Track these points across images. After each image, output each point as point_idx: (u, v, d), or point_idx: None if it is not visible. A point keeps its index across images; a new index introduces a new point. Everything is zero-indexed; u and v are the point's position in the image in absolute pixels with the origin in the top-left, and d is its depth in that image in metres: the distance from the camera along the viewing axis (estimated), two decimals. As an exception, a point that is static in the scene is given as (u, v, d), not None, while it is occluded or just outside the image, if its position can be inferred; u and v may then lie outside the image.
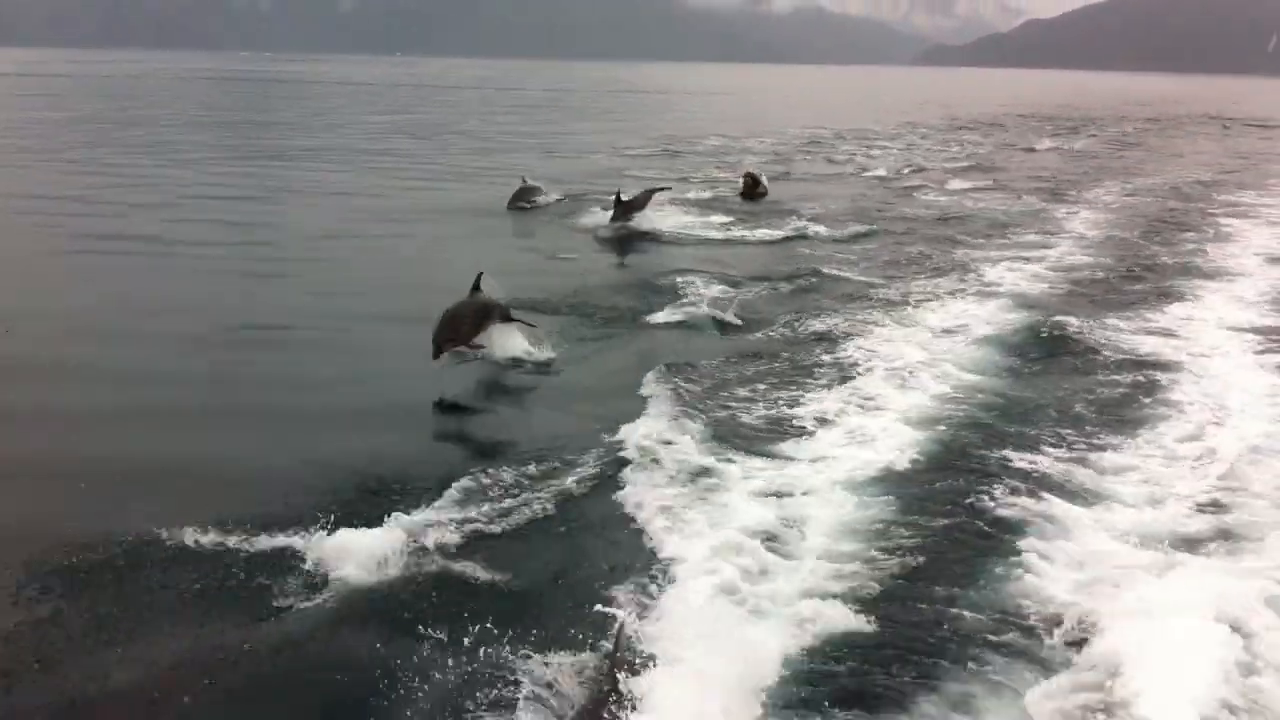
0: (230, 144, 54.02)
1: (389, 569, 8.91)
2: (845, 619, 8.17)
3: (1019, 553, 9.32)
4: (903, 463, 11.51)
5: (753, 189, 35.86)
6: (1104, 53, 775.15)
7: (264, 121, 71.61)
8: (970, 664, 7.64)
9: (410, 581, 8.78)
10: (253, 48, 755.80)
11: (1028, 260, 24.47)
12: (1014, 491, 10.63)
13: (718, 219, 29.97)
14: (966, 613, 8.39)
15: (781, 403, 13.55)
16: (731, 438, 12.08)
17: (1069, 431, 12.57)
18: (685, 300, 19.43)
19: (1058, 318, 18.24)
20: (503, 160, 44.87)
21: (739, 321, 17.94)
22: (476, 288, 15.36)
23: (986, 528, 9.93)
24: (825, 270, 22.74)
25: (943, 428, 12.66)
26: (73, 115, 69.87)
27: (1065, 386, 14.48)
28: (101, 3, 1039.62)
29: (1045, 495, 10.49)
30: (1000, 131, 74.51)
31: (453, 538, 9.46)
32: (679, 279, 21.40)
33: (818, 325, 17.85)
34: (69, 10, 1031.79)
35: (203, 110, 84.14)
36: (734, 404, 13.44)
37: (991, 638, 8.02)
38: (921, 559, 9.27)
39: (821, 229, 28.28)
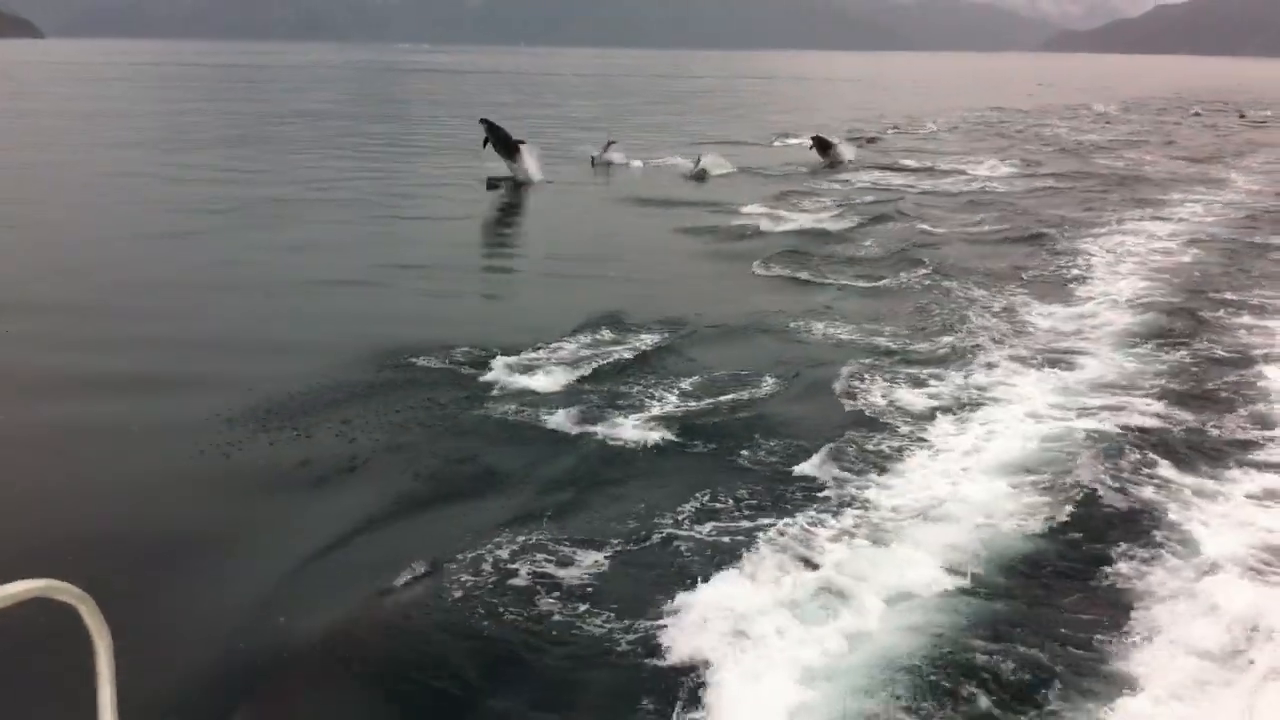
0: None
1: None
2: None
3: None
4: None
5: (825, 151, 37.39)
6: (1234, 39, 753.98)
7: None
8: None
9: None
10: (382, 40, 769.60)
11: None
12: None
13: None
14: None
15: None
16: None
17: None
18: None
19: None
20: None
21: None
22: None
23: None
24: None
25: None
26: (302, 106, 70.91)
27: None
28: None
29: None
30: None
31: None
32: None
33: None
34: (206, 6, 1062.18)
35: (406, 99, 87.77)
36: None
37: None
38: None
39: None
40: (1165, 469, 9.68)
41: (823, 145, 37.65)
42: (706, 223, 24.54)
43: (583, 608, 7.04)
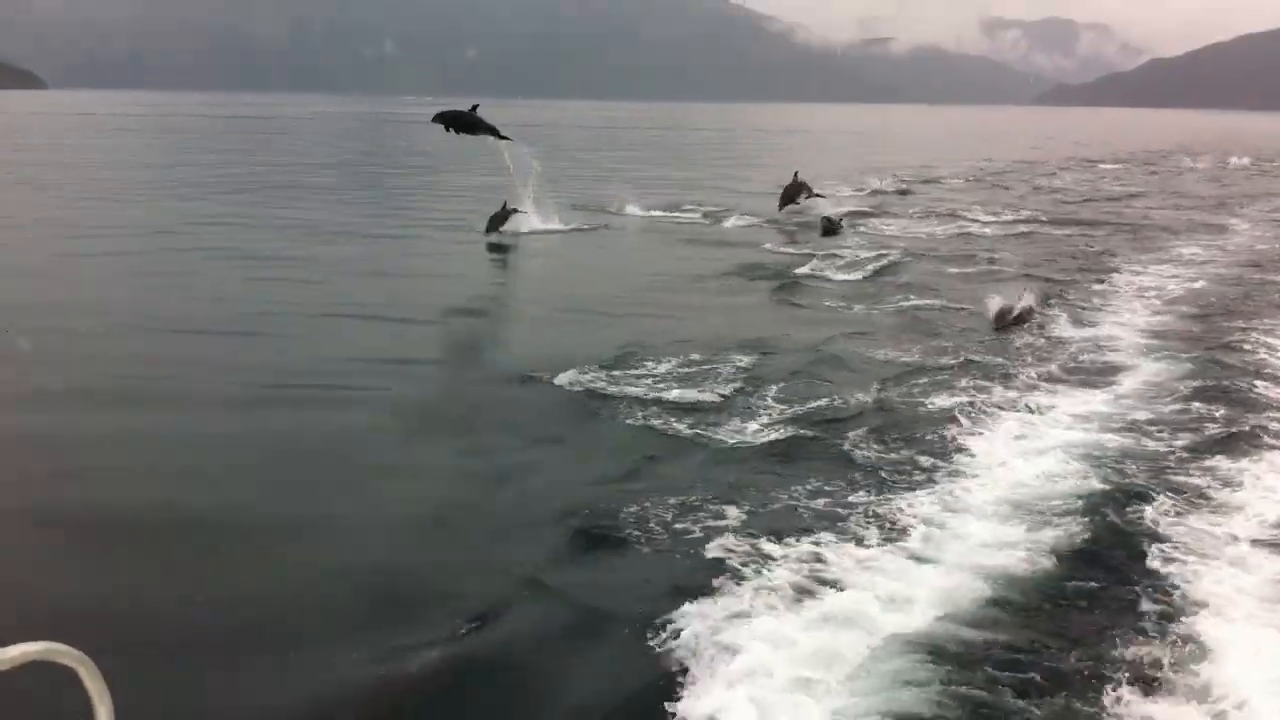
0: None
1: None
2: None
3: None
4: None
5: (794, 197, 35.84)
6: (1228, 92, 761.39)
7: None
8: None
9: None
10: (380, 92, 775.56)
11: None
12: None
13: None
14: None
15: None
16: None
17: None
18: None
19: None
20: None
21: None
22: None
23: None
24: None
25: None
26: (344, 154, 72.61)
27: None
28: (234, 49, 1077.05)
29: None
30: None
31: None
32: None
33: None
34: (206, 58, 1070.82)
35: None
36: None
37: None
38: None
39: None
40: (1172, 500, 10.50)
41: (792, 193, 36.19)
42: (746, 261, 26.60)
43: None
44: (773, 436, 12.35)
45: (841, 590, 8.40)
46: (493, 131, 31.01)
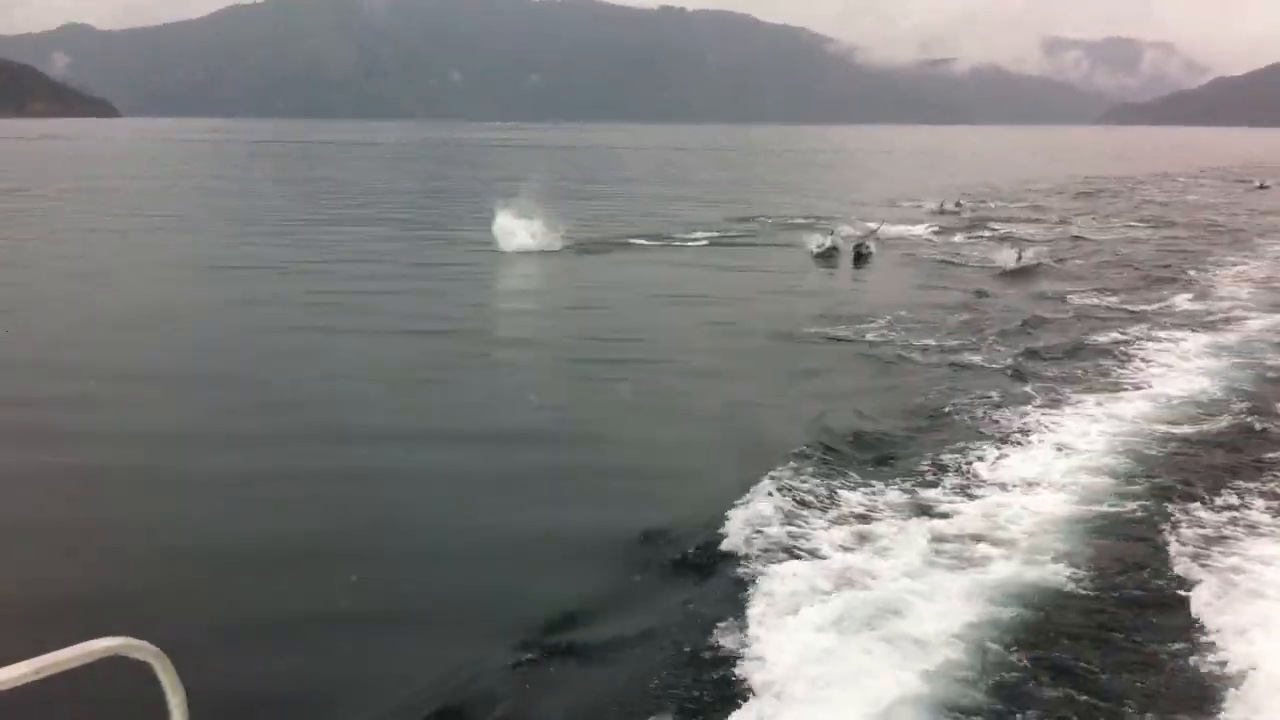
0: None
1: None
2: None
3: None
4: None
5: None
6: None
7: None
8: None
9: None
10: (442, 118, 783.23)
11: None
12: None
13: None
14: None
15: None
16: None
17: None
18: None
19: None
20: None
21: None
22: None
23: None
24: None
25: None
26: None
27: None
28: (302, 78, 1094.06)
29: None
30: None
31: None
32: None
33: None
34: (270, 86, 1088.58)
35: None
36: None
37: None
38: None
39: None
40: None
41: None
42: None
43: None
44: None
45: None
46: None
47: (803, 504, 11.08)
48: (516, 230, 33.37)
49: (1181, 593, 9.00)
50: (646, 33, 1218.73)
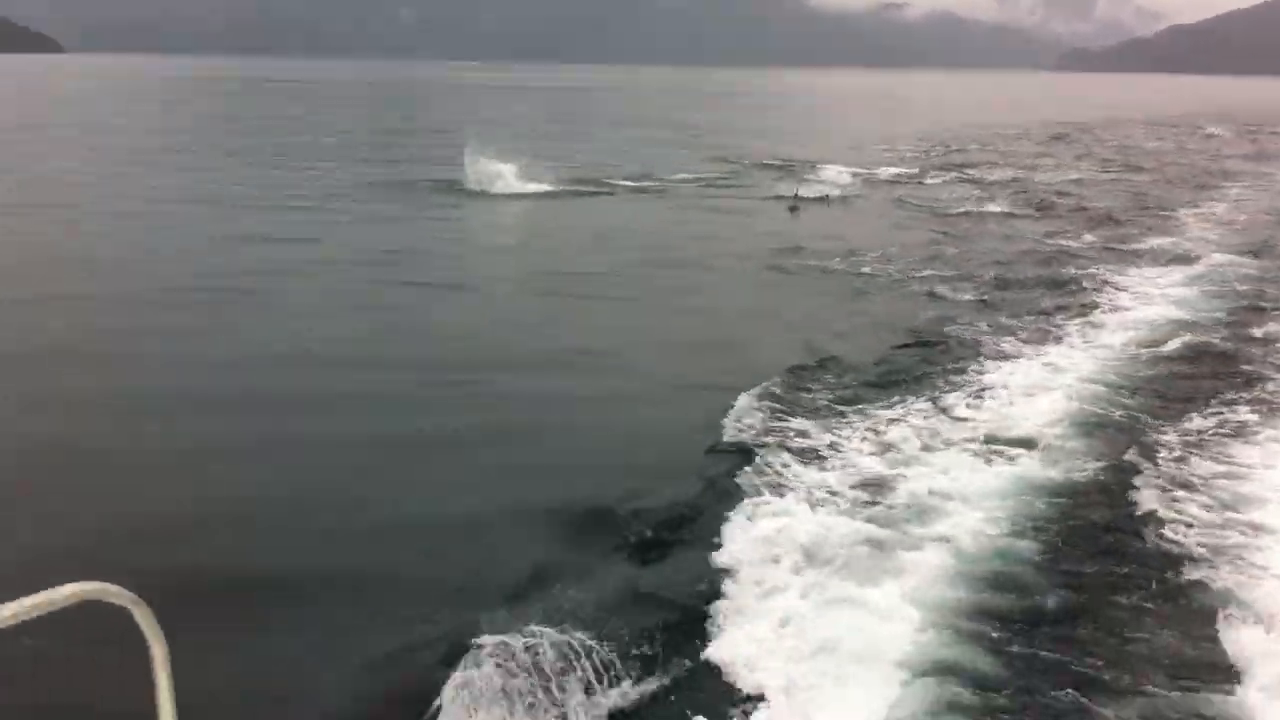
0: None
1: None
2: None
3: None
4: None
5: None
6: (1249, 59, 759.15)
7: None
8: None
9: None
10: (396, 58, 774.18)
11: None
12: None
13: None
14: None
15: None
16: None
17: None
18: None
19: None
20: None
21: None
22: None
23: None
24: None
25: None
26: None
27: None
28: (251, 15, 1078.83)
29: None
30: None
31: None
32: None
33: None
34: (221, 24, 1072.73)
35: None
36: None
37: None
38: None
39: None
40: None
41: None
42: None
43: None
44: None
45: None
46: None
47: (790, 410, 12.01)
48: (503, 173, 33.47)
49: (1180, 495, 9.78)
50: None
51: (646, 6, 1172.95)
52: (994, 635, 7.28)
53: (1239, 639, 7.23)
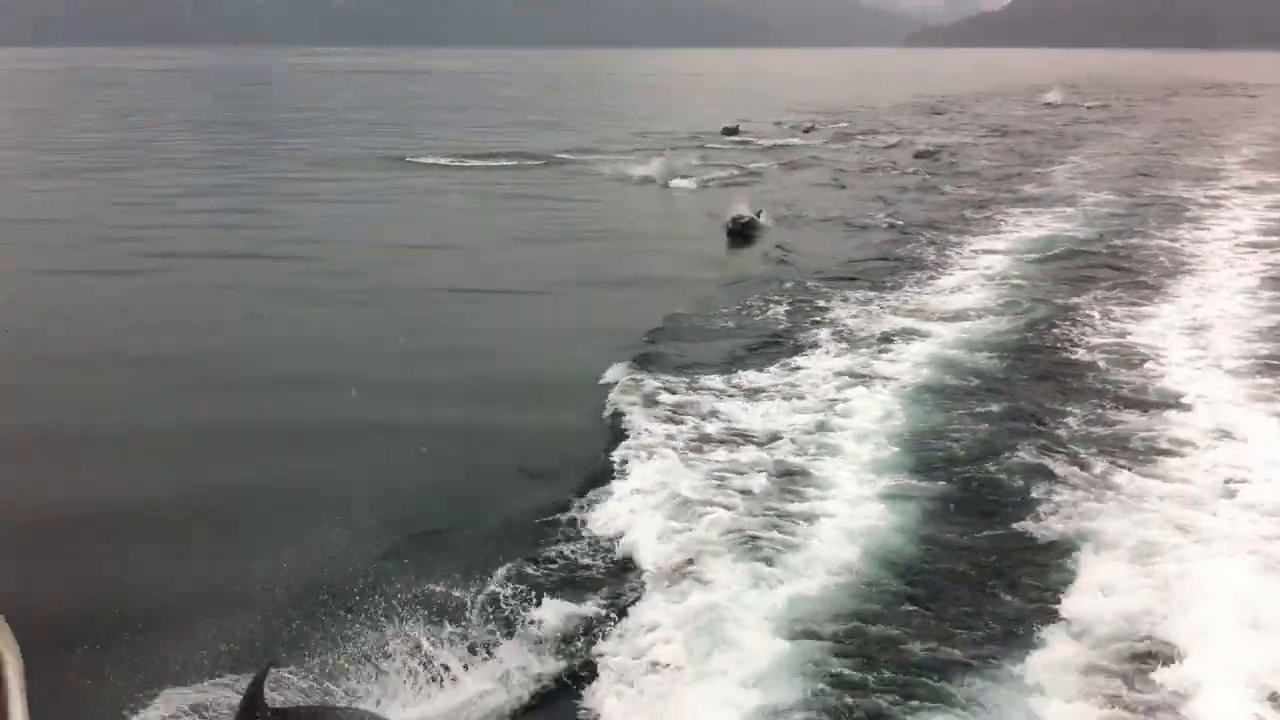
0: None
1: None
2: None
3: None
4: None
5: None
6: (1094, 30, 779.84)
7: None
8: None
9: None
10: (244, 43, 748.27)
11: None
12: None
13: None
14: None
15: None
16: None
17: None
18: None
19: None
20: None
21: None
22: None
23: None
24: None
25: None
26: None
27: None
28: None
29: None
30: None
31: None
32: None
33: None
34: (55, 13, 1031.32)
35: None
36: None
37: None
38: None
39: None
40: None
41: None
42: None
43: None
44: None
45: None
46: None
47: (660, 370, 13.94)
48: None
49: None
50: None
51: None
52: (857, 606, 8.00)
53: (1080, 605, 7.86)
